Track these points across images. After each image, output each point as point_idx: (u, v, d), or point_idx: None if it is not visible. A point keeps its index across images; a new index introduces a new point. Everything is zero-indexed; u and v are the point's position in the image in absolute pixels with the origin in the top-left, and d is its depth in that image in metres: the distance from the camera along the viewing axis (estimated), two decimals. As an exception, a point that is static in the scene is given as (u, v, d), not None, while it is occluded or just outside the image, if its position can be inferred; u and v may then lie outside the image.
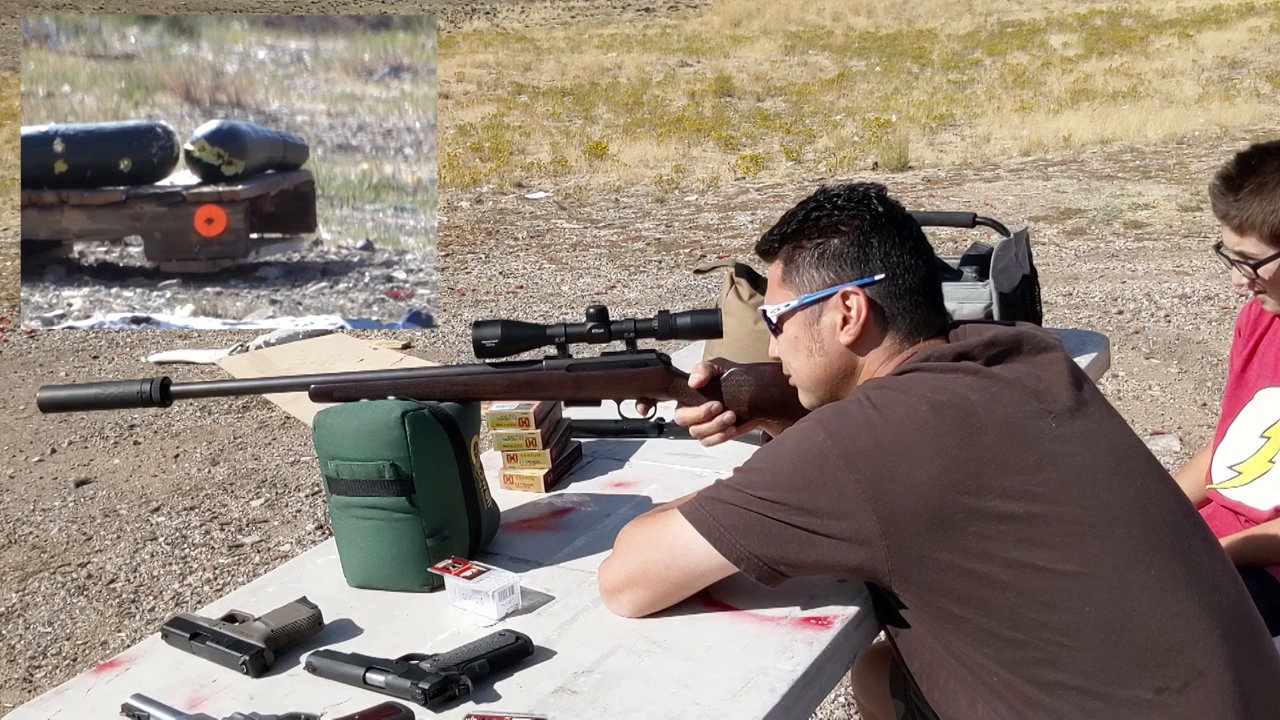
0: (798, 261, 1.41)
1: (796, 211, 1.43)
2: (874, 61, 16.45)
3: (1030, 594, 1.21)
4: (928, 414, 1.23)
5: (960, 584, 1.22)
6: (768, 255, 1.47)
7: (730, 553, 1.27)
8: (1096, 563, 1.22)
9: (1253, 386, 1.91)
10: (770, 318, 1.45)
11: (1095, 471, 1.25)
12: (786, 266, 1.42)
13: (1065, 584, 1.21)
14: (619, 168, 10.47)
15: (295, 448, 4.51)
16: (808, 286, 1.40)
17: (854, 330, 1.38)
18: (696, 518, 1.29)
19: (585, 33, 22.20)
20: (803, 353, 1.43)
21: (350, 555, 1.52)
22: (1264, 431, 1.86)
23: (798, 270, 1.41)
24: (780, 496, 1.25)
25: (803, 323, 1.42)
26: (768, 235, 1.45)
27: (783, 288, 1.43)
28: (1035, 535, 1.21)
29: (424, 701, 1.21)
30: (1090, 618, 1.21)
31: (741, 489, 1.28)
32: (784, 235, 1.43)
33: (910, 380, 1.29)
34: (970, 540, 1.21)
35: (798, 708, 1.23)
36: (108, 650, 3.15)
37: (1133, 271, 6.24)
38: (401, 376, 1.54)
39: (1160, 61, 14.20)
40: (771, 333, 1.47)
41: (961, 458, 1.21)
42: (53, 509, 4.12)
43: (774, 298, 1.45)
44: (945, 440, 1.22)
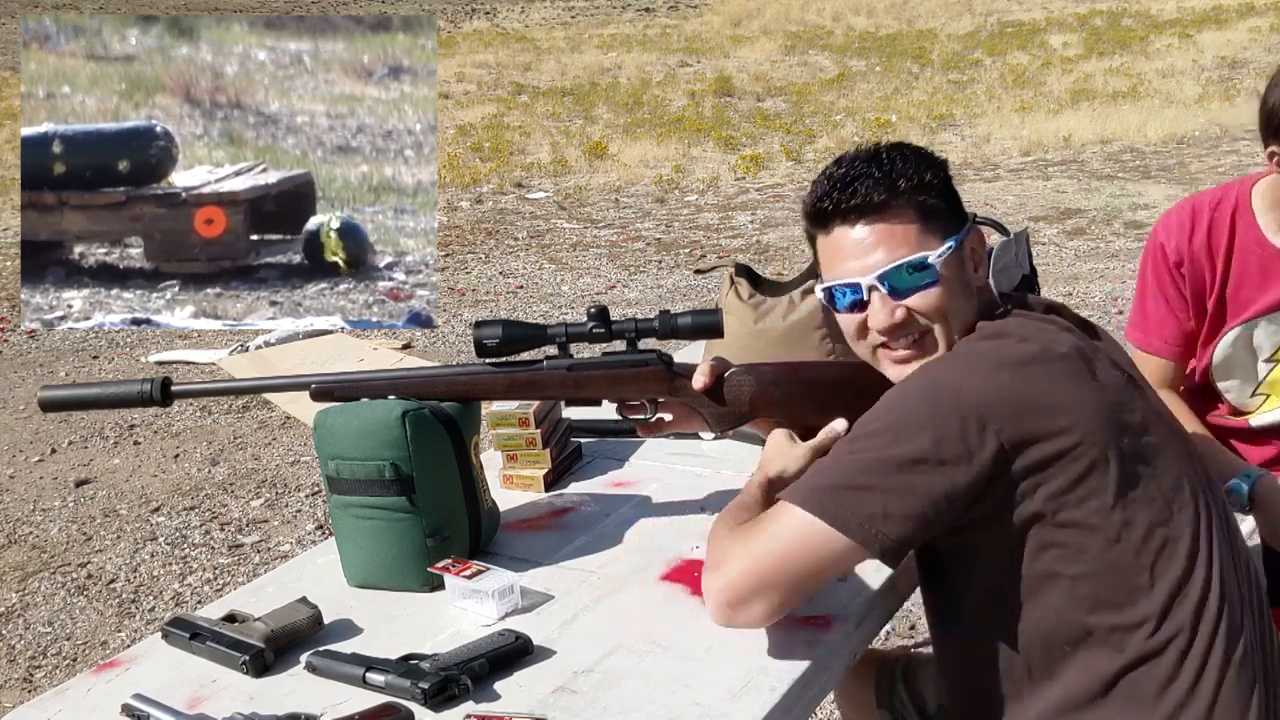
0: (931, 205, 1.33)
1: (878, 160, 1.32)
2: (874, 61, 16.45)
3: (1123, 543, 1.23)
4: (1056, 358, 1.26)
5: (1063, 535, 1.23)
6: (863, 212, 1.32)
7: (859, 535, 1.20)
8: (1180, 524, 1.26)
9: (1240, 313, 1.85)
10: (934, 265, 1.31)
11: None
12: (920, 212, 1.32)
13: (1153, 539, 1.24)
14: (619, 168, 10.46)
15: (295, 448, 4.51)
16: (953, 228, 1.34)
17: (985, 268, 1.38)
18: (816, 506, 1.22)
19: (585, 33, 22.19)
20: (960, 295, 1.34)
21: (350, 555, 1.52)
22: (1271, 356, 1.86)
23: (934, 213, 1.33)
24: (913, 451, 1.20)
25: (955, 264, 1.34)
26: (862, 188, 1.31)
27: (925, 235, 1.32)
28: (1142, 492, 1.24)
29: (424, 701, 1.21)
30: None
31: (860, 453, 1.23)
32: (896, 182, 1.31)
33: (1021, 325, 1.31)
34: (1083, 489, 1.22)
35: (798, 708, 1.23)
36: (108, 650, 3.15)
37: (1133, 271, 6.23)
38: (402, 376, 1.54)
39: (1160, 61, 14.20)
40: (921, 288, 1.32)
41: (1090, 402, 1.24)
42: (53, 509, 4.12)
43: (923, 245, 1.31)
44: (1071, 381, 1.25)
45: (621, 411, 1.60)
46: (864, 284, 1.32)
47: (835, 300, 1.37)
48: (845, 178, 1.32)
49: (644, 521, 1.64)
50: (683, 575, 1.47)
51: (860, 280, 1.32)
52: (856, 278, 1.33)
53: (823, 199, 1.34)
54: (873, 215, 1.32)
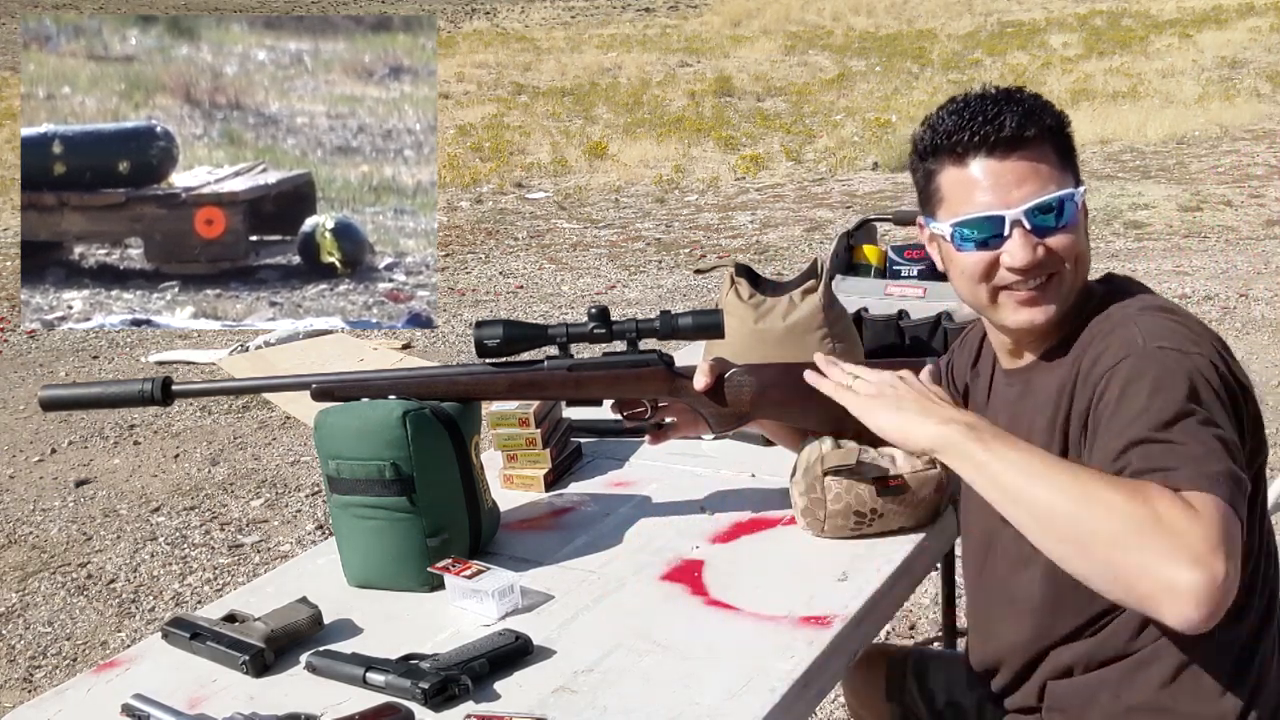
0: (1067, 144, 1.29)
1: (1012, 98, 1.27)
2: (874, 61, 16.45)
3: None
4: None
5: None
6: (1013, 144, 1.25)
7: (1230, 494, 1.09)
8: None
9: None
10: (1078, 202, 1.27)
11: None
12: (1059, 151, 1.28)
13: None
14: (619, 168, 10.47)
15: (295, 448, 4.51)
16: (1079, 171, 1.31)
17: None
18: (1211, 484, 1.08)
19: (585, 33, 22.19)
20: (1086, 239, 1.30)
21: (351, 555, 1.52)
22: None
23: (1068, 154, 1.29)
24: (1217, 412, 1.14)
25: (1083, 211, 1.30)
26: (1011, 120, 1.25)
27: (1063, 173, 1.27)
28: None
29: (424, 701, 1.21)
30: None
31: (1190, 426, 1.12)
32: (1041, 118, 1.26)
33: (1164, 300, 1.30)
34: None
35: (798, 708, 1.23)
36: (108, 650, 3.15)
37: (1133, 271, 6.23)
38: (403, 376, 1.54)
39: (1160, 61, 14.21)
40: (1061, 229, 1.26)
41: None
42: (53, 509, 4.12)
43: (1062, 184, 1.26)
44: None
45: (621, 412, 1.60)
46: (1008, 217, 1.25)
47: (962, 236, 1.29)
48: (987, 112, 1.25)
49: (644, 521, 1.64)
50: (683, 575, 1.47)
51: (1005, 213, 1.25)
52: (1000, 210, 1.25)
53: (961, 129, 1.26)
54: (1020, 148, 1.25)
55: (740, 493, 1.70)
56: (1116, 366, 1.18)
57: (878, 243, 2.32)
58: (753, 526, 1.59)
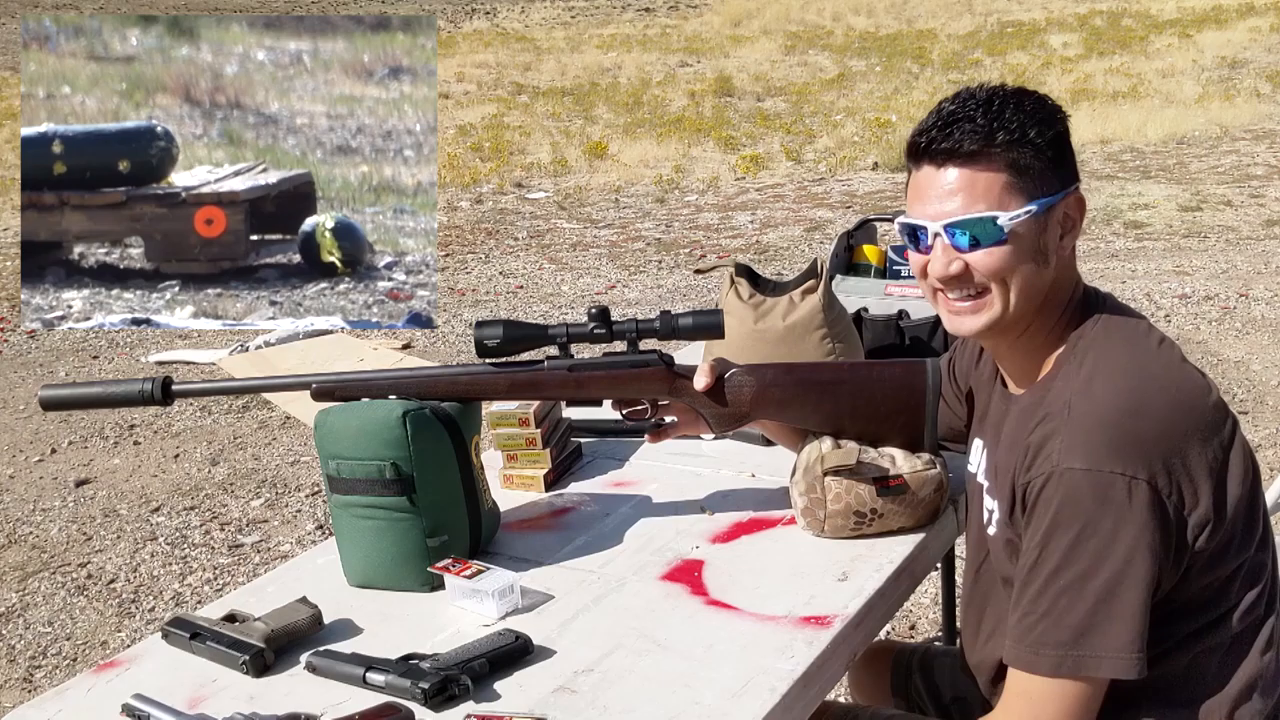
0: (1026, 163, 1.26)
1: (988, 106, 1.26)
2: (874, 61, 16.45)
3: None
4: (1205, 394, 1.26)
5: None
6: (953, 156, 1.26)
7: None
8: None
9: None
10: (1003, 225, 1.25)
11: None
12: (1012, 169, 1.26)
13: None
14: (619, 168, 10.47)
15: (295, 448, 4.51)
16: (1043, 190, 1.26)
17: (1077, 235, 1.32)
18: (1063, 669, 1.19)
19: (585, 33, 22.19)
20: (1031, 260, 1.27)
21: (351, 555, 1.52)
22: None
23: (1026, 172, 1.26)
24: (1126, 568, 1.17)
25: (1034, 228, 1.27)
26: (958, 133, 1.25)
27: (1009, 193, 1.25)
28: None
29: (424, 701, 1.21)
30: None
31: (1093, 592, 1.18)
32: (995, 134, 1.25)
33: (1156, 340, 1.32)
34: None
35: (798, 708, 1.23)
36: (108, 650, 3.15)
37: (1133, 271, 6.23)
38: (403, 376, 1.54)
39: (1160, 61, 14.20)
40: (985, 247, 1.27)
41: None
42: (53, 509, 4.12)
43: (1003, 203, 1.25)
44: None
45: (622, 412, 1.60)
46: (930, 229, 1.28)
47: (905, 235, 1.34)
48: (949, 118, 1.27)
49: (644, 521, 1.64)
50: (683, 575, 1.47)
51: (928, 225, 1.28)
52: (925, 221, 1.29)
53: (920, 135, 1.29)
54: (961, 162, 1.26)
55: (740, 493, 1.70)
56: (1042, 493, 1.20)
57: (878, 243, 2.32)
58: (753, 526, 1.59)
